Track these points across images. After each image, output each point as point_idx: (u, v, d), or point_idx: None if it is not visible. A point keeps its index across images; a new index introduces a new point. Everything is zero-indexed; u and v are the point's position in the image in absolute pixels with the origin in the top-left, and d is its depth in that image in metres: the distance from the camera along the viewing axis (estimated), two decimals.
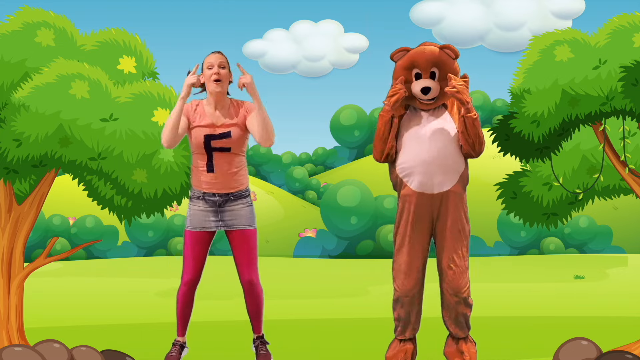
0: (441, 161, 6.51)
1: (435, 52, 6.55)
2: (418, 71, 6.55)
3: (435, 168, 6.50)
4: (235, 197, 6.65)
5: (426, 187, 6.52)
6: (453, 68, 6.55)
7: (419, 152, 6.52)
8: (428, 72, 6.54)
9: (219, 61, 6.58)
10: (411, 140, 6.57)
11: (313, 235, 27.97)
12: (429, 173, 6.50)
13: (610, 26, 6.79)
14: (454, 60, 6.57)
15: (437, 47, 6.58)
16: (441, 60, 6.53)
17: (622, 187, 7.47)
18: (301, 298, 15.10)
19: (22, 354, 6.62)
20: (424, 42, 6.67)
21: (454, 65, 6.56)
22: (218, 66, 6.57)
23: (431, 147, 6.51)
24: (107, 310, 13.34)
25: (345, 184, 27.38)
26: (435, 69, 6.53)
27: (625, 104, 6.63)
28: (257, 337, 6.89)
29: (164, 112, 6.63)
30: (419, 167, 6.52)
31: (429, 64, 6.52)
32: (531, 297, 15.47)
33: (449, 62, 6.54)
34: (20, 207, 6.98)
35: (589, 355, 6.78)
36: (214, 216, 6.65)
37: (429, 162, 6.50)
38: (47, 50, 6.70)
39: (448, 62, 6.54)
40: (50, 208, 24.79)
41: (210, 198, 6.60)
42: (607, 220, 26.71)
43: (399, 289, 6.64)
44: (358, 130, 38.20)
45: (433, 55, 6.54)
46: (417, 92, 6.53)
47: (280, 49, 40.02)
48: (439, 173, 6.51)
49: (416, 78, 6.56)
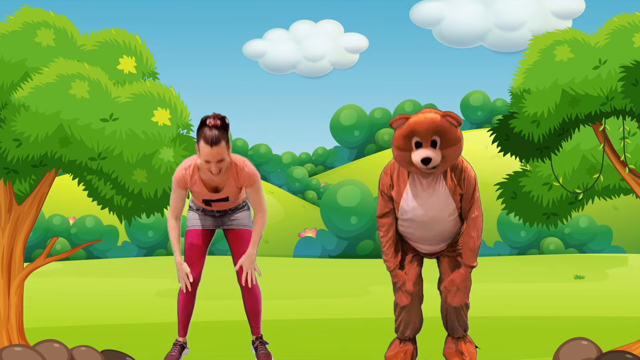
0: (440, 238, 6.61)
1: (435, 120, 6.28)
2: (418, 140, 6.30)
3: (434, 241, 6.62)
4: (232, 210, 6.75)
5: (423, 249, 6.67)
6: (455, 136, 6.32)
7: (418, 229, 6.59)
8: (429, 141, 6.28)
9: (217, 159, 6.39)
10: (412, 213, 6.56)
11: (313, 235, 27.97)
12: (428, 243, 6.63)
13: (610, 26, 6.78)
14: (457, 128, 6.33)
15: (439, 114, 6.32)
16: (443, 128, 6.27)
17: (622, 187, 7.47)
18: (301, 298, 15.10)
19: (22, 354, 6.62)
20: (423, 110, 6.42)
21: (456, 133, 6.32)
22: (216, 163, 6.40)
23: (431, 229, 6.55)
24: (107, 310, 13.34)
25: (345, 184, 27.37)
26: (436, 137, 6.28)
27: (625, 104, 6.63)
28: (257, 337, 6.89)
29: (164, 112, 6.63)
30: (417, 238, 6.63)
31: (430, 132, 6.26)
32: (531, 297, 15.47)
33: (451, 130, 6.29)
34: (20, 207, 6.98)
35: (589, 355, 6.78)
36: (212, 220, 6.77)
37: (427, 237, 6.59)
38: (47, 50, 6.70)
39: (450, 130, 6.29)
40: (50, 208, 24.79)
41: (210, 213, 6.76)
42: (607, 220, 26.71)
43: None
44: (358, 130, 38.19)
45: (433, 124, 6.27)
46: (417, 162, 6.30)
47: (280, 49, 40.01)
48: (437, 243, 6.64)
49: (416, 146, 6.31)
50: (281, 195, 30.91)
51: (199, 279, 6.73)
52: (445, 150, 6.29)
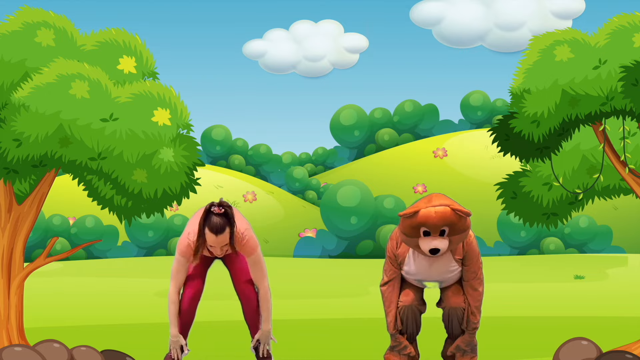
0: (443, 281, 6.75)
1: (445, 215, 6.31)
2: (427, 230, 6.34)
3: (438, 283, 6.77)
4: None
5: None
6: (464, 225, 6.37)
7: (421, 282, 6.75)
8: (438, 232, 6.33)
9: (221, 245, 6.54)
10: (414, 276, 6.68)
11: (313, 235, 27.96)
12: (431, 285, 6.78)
13: (610, 26, 6.78)
14: (467, 218, 6.37)
15: (449, 207, 6.32)
16: (452, 221, 6.32)
17: (622, 187, 7.47)
18: (301, 298, 15.09)
19: (22, 354, 6.62)
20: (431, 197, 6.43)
21: (465, 223, 6.37)
22: (221, 248, 6.57)
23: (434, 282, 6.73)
24: (107, 310, 13.33)
25: (345, 184, 27.35)
26: (445, 227, 6.33)
27: (625, 104, 6.63)
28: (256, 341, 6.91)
29: (164, 112, 6.63)
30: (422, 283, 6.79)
31: (439, 226, 6.31)
32: (531, 297, 15.46)
33: (460, 221, 6.34)
34: (20, 207, 6.98)
35: (589, 355, 6.78)
36: None
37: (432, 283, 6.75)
38: (47, 50, 6.70)
39: (459, 221, 6.34)
40: (50, 208, 24.76)
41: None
42: (607, 220, 26.68)
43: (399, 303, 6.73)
44: (358, 130, 38.15)
45: (443, 219, 6.30)
46: (425, 251, 6.37)
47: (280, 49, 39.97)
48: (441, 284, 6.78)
49: (424, 234, 6.35)
50: (281, 195, 30.89)
51: (201, 292, 6.79)
52: (453, 237, 6.36)
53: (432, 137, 32.88)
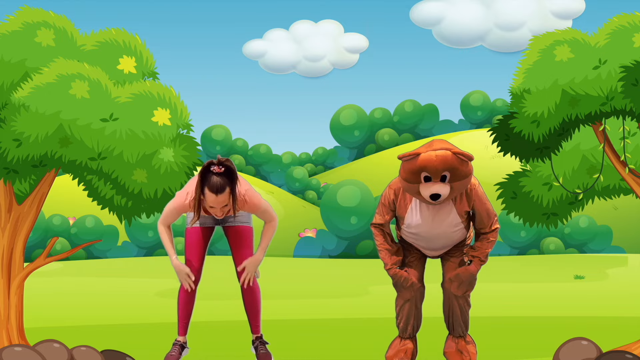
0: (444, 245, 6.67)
1: (446, 158, 6.22)
2: (427, 175, 6.26)
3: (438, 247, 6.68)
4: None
5: (427, 253, 6.73)
6: (466, 170, 6.30)
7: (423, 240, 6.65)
8: (439, 177, 6.24)
9: (222, 205, 6.47)
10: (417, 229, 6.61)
11: (313, 235, 27.97)
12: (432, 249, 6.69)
13: (610, 26, 6.78)
14: (468, 162, 6.30)
15: (449, 150, 6.25)
16: (453, 165, 6.23)
17: (622, 187, 7.47)
18: (301, 298, 15.10)
19: (22, 354, 6.62)
20: (433, 143, 6.35)
21: (467, 168, 6.30)
22: (221, 208, 6.48)
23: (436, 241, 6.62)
24: (107, 310, 13.34)
25: (345, 184, 27.37)
26: (446, 172, 6.25)
27: (625, 104, 6.63)
28: (256, 337, 6.89)
29: (164, 112, 6.63)
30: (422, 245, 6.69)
31: (440, 170, 6.23)
32: (531, 297, 15.46)
33: (462, 166, 6.27)
34: (20, 207, 6.98)
35: (589, 355, 6.78)
36: (212, 218, 6.77)
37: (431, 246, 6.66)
38: (47, 50, 6.70)
39: (460, 166, 6.26)
40: (50, 208, 24.78)
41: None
42: (607, 220, 26.70)
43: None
44: (358, 130, 38.19)
45: (444, 163, 6.22)
46: (425, 196, 6.28)
47: (280, 49, 40.01)
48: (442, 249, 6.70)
49: (425, 180, 6.26)
50: (281, 195, 30.91)
51: (199, 277, 6.74)
52: (454, 183, 6.30)
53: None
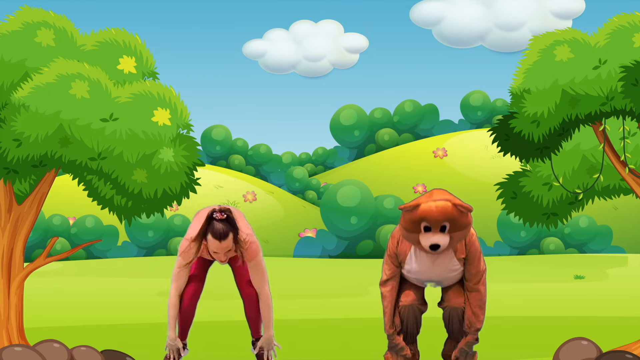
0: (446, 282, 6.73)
1: (446, 210, 6.28)
2: (427, 225, 6.31)
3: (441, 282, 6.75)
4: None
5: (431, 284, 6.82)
6: (465, 221, 6.34)
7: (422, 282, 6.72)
8: (438, 227, 6.29)
9: (225, 251, 6.54)
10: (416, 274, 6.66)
11: (313, 235, 27.96)
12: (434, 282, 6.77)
13: (610, 26, 6.78)
14: (468, 214, 6.35)
15: (449, 202, 6.30)
16: (453, 216, 6.29)
17: (622, 187, 7.47)
18: (301, 298, 15.09)
19: (22, 354, 6.62)
20: (432, 193, 6.40)
21: (466, 219, 6.35)
22: (224, 254, 6.56)
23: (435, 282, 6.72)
24: (107, 310, 13.33)
25: (345, 184, 27.35)
26: (446, 223, 6.30)
27: (625, 104, 6.63)
28: (256, 339, 6.90)
29: (164, 112, 6.63)
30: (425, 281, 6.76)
31: (440, 221, 6.28)
32: (531, 297, 15.46)
33: (461, 217, 6.32)
34: (20, 207, 6.98)
35: (589, 355, 6.78)
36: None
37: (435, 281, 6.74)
38: (47, 50, 6.70)
39: (460, 217, 6.31)
40: (50, 208, 24.75)
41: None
42: (607, 220, 26.68)
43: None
44: (358, 130, 38.15)
45: (444, 213, 6.27)
46: (425, 246, 6.33)
47: (280, 49, 39.96)
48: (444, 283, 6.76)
49: (425, 230, 6.31)
50: (281, 195, 30.89)
51: (200, 291, 6.80)
52: (454, 234, 6.33)
53: (432, 137, 32.89)
